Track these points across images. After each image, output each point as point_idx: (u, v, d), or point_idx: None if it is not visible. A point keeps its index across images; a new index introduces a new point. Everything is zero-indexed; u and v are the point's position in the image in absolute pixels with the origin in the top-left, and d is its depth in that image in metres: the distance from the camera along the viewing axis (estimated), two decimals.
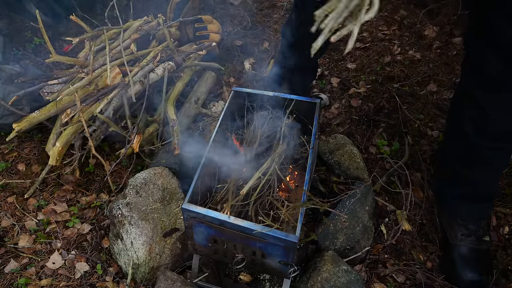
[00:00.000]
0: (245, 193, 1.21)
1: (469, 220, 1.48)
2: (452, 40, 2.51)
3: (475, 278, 1.42)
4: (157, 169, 1.58)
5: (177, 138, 1.70)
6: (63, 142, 1.71)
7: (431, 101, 2.12)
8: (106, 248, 1.56)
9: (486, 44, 1.17)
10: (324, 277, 1.28)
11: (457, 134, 1.42)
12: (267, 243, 1.14)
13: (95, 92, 1.77)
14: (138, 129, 1.73)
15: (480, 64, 1.22)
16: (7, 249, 1.55)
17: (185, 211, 1.18)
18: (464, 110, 1.35)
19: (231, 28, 2.65)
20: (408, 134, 1.95)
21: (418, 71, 2.32)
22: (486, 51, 1.17)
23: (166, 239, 1.44)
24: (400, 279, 1.46)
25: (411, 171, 1.78)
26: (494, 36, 1.13)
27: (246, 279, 1.43)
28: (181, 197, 1.55)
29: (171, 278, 1.30)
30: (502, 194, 1.70)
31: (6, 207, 1.69)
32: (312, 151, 1.34)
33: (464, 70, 1.34)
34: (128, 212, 1.45)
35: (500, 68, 1.15)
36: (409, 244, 1.57)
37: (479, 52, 1.21)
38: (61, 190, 1.75)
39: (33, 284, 1.45)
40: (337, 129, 2.02)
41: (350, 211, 1.47)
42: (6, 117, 1.85)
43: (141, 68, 1.83)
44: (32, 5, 2.40)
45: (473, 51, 1.25)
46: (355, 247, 1.45)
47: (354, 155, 1.67)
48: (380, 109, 2.10)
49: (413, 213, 1.65)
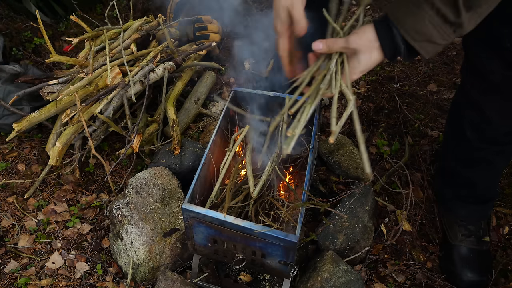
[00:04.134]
0: (255, 195, 1.21)
1: (469, 221, 1.48)
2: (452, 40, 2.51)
3: (475, 279, 1.42)
4: (157, 169, 1.58)
5: (177, 138, 1.70)
6: (63, 142, 1.71)
7: (431, 101, 2.12)
8: (106, 248, 1.56)
9: (485, 46, 1.16)
10: (324, 277, 1.28)
11: (457, 136, 1.41)
12: (267, 243, 1.14)
13: (95, 92, 1.77)
14: (138, 129, 1.73)
15: (479, 66, 1.21)
16: (7, 249, 1.55)
17: (185, 211, 1.18)
18: (464, 112, 1.35)
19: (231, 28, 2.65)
20: (408, 134, 1.95)
21: (418, 71, 2.32)
22: (485, 53, 1.16)
23: (166, 239, 1.44)
24: (400, 279, 1.47)
25: (411, 171, 1.78)
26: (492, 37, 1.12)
27: (246, 279, 1.43)
28: (181, 197, 1.55)
29: (171, 278, 1.30)
30: (502, 194, 1.70)
31: (6, 207, 1.69)
32: (312, 151, 1.34)
33: (463, 72, 1.33)
34: (128, 212, 1.45)
35: (499, 70, 1.15)
36: (409, 244, 1.57)
37: (478, 54, 1.20)
38: (61, 190, 1.75)
39: (33, 284, 1.45)
40: None
41: (350, 211, 1.47)
42: (6, 117, 1.86)
43: (141, 68, 1.83)
44: (32, 5, 2.40)
45: (471, 52, 1.25)
46: (355, 247, 1.45)
47: (354, 155, 1.67)
48: (380, 109, 2.10)
49: (413, 213, 1.65)
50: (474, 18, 0.81)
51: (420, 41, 0.84)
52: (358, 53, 0.90)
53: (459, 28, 0.82)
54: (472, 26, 0.82)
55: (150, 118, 1.87)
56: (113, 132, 1.88)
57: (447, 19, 0.80)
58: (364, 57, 0.90)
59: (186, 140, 1.76)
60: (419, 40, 0.84)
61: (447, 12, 0.79)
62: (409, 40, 0.84)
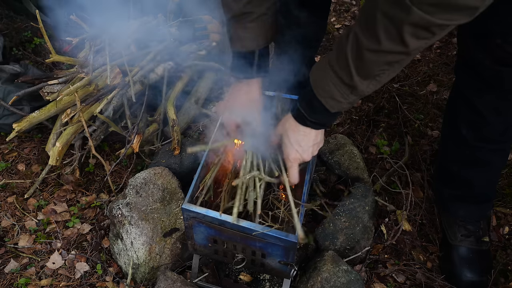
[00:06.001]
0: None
1: (468, 221, 1.48)
2: (452, 40, 2.51)
3: (475, 279, 1.42)
4: (157, 169, 1.58)
5: (177, 138, 1.70)
6: (63, 142, 1.71)
7: (431, 101, 2.12)
8: (106, 248, 1.56)
9: (478, 43, 1.15)
10: (324, 277, 1.28)
11: (453, 135, 1.41)
12: (267, 243, 1.14)
13: (95, 92, 1.77)
14: (138, 129, 1.73)
15: (473, 65, 1.21)
16: (7, 249, 1.55)
17: (185, 211, 1.18)
18: (460, 112, 1.34)
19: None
20: (408, 134, 1.95)
21: (418, 71, 2.32)
22: (478, 50, 1.16)
23: (166, 239, 1.44)
24: (400, 279, 1.47)
25: (411, 171, 1.78)
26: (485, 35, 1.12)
27: (246, 279, 1.43)
28: (181, 197, 1.55)
29: (171, 278, 1.30)
30: (502, 194, 1.70)
31: (6, 207, 1.69)
32: None
33: (458, 71, 1.33)
34: (128, 212, 1.45)
35: (492, 66, 1.14)
36: (409, 244, 1.57)
37: (471, 52, 1.19)
38: (61, 190, 1.75)
39: (33, 284, 1.45)
40: (337, 129, 2.02)
41: (350, 211, 1.47)
42: (6, 117, 1.86)
43: (141, 68, 1.83)
44: (32, 5, 2.40)
45: (465, 51, 1.24)
46: (355, 247, 1.45)
47: (354, 155, 1.67)
48: (380, 109, 2.10)
49: (413, 213, 1.65)
50: (373, 84, 0.91)
51: (325, 97, 0.98)
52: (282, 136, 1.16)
53: (355, 90, 0.93)
54: (371, 90, 0.93)
55: (150, 118, 1.87)
56: (113, 132, 1.88)
57: (343, 81, 0.93)
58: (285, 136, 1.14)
59: (186, 140, 1.76)
60: (324, 96, 0.98)
61: (342, 75, 0.92)
62: (317, 95, 0.99)
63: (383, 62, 0.85)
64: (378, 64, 0.86)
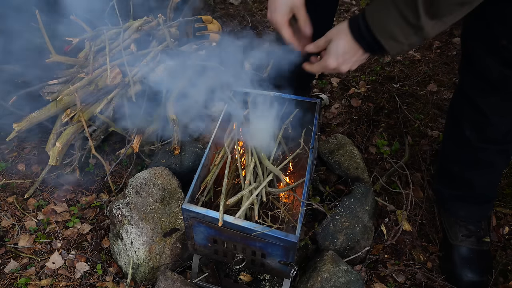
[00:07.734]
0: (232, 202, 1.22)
1: (469, 221, 1.48)
2: (452, 40, 2.51)
3: (475, 279, 1.42)
4: (157, 169, 1.58)
5: (177, 138, 1.70)
6: (63, 142, 1.71)
7: (431, 101, 2.12)
8: (106, 248, 1.56)
9: (482, 45, 1.15)
10: (324, 277, 1.28)
11: (456, 136, 1.41)
12: (267, 243, 1.14)
13: (95, 92, 1.77)
14: (138, 129, 1.73)
15: (478, 67, 1.21)
16: (7, 249, 1.55)
17: (185, 211, 1.18)
18: (463, 113, 1.34)
19: (231, 28, 2.65)
20: (408, 134, 1.95)
21: (418, 71, 2.32)
22: (483, 52, 1.16)
23: (166, 239, 1.44)
24: (400, 279, 1.47)
25: (411, 171, 1.78)
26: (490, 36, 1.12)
27: (246, 279, 1.43)
28: (181, 197, 1.55)
29: (171, 278, 1.30)
30: (502, 194, 1.70)
31: (6, 207, 1.69)
32: (312, 151, 1.34)
33: (462, 72, 1.33)
34: (128, 212, 1.45)
35: (497, 68, 1.14)
36: (409, 244, 1.57)
37: (476, 53, 1.19)
38: (61, 190, 1.75)
39: (33, 284, 1.45)
40: (337, 129, 2.02)
41: (350, 211, 1.47)
42: (6, 117, 1.85)
43: (141, 68, 1.83)
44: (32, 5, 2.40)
45: (470, 52, 1.24)
46: (355, 247, 1.45)
47: (354, 155, 1.67)
48: (380, 109, 2.10)
49: (413, 213, 1.65)
50: (438, 25, 0.88)
51: (385, 37, 0.94)
52: (332, 40, 1.06)
53: (420, 31, 0.89)
54: (435, 32, 0.90)
55: (150, 118, 1.86)
56: (113, 132, 1.88)
57: (408, 21, 0.88)
58: (335, 43, 1.05)
59: (186, 140, 1.75)
60: (384, 36, 0.94)
61: (408, 15, 0.87)
62: (376, 35, 0.95)
63: (455, 2, 0.84)
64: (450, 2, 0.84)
